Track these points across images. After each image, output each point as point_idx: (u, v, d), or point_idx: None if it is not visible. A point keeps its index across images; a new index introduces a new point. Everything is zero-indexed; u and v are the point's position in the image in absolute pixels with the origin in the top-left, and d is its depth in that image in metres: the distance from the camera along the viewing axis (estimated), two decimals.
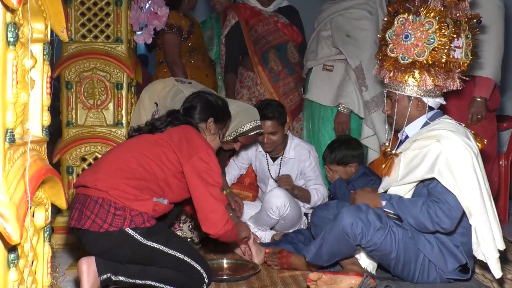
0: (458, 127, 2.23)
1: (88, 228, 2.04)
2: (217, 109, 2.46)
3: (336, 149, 3.00)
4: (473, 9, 3.09)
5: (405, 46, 2.21)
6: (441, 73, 2.22)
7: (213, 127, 2.44)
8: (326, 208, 2.56)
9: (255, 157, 3.32)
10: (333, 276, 2.20)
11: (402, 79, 2.28)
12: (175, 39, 3.43)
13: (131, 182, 2.11)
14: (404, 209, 2.16)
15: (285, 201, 2.93)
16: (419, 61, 2.19)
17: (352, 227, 2.12)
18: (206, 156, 2.20)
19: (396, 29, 2.25)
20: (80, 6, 2.98)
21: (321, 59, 3.46)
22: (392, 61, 2.27)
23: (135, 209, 2.07)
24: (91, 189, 2.10)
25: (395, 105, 2.32)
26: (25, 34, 1.22)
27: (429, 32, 2.17)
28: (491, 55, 3.06)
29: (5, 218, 1.03)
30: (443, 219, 2.09)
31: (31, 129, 1.33)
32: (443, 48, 2.15)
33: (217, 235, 2.21)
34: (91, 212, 2.05)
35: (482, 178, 2.16)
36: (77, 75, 2.97)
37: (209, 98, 2.47)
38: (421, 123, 2.31)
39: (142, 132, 2.36)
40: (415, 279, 2.22)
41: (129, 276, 2.14)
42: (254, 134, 2.82)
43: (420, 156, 2.19)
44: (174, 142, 2.23)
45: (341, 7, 3.43)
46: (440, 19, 2.16)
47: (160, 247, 2.11)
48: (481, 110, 3.09)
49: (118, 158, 2.20)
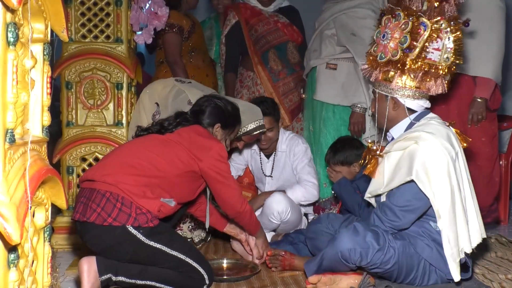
0: (439, 128, 2.22)
1: (94, 221, 2.04)
2: (225, 115, 2.47)
3: (340, 150, 2.99)
4: (474, 10, 3.10)
5: (383, 45, 2.23)
6: (416, 74, 2.22)
7: (220, 132, 2.45)
8: (319, 222, 2.60)
9: (250, 157, 3.33)
10: (332, 276, 2.21)
11: (382, 78, 2.30)
12: (176, 39, 3.43)
13: (141, 179, 2.12)
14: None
15: (287, 206, 2.92)
16: (393, 60, 2.20)
17: (350, 253, 2.11)
18: (219, 150, 2.28)
19: (381, 29, 2.28)
20: (80, 6, 2.99)
21: (325, 57, 3.46)
22: (372, 59, 2.29)
23: (142, 206, 2.07)
24: (99, 182, 2.10)
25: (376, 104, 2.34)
26: (25, 34, 1.22)
27: (403, 33, 2.18)
28: (492, 56, 3.06)
29: (5, 218, 1.03)
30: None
31: (31, 129, 1.33)
32: (414, 48, 2.15)
33: (237, 213, 2.37)
34: (97, 205, 2.06)
35: (456, 182, 2.15)
36: (77, 75, 2.97)
37: (218, 103, 2.47)
38: (405, 124, 2.31)
39: (151, 132, 2.35)
40: (416, 283, 2.22)
41: (130, 276, 2.14)
42: (258, 133, 2.84)
43: (401, 160, 2.19)
44: (185, 141, 2.25)
45: (344, 6, 3.43)
46: (416, 19, 2.16)
47: (162, 248, 2.11)
48: (481, 111, 3.09)
49: (127, 155, 2.21)
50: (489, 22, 3.07)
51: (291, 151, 3.18)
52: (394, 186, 2.19)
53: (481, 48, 3.07)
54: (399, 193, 2.17)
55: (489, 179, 3.23)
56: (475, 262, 2.60)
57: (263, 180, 3.29)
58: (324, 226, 2.54)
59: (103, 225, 2.04)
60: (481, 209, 3.13)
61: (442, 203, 2.11)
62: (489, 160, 3.22)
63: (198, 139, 2.28)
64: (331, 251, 2.18)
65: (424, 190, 2.10)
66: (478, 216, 2.25)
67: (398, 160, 2.20)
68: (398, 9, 2.22)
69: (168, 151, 2.22)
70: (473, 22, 3.09)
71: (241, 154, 3.32)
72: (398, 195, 2.18)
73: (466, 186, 2.23)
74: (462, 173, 2.22)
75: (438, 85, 2.26)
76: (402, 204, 2.17)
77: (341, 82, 3.38)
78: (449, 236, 2.12)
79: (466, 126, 3.14)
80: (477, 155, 3.19)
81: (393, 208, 2.18)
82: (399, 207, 2.17)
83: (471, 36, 3.06)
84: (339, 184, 2.90)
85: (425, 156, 2.12)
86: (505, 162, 3.62)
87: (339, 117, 3.47)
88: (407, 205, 2.16)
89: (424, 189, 2.10)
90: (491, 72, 3.06)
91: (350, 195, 2.81)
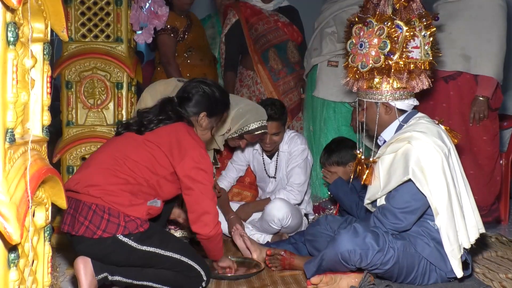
0: (429, 126, 2.23)
1: (82, 234, 2.03)
2: (212, 103, 2.35)
3: (334, 150, 3.00)
4: (476, 8, 3.10)
5: (362, 54, 2.23)
6: (402, 75, 2.23)
7: (205, 121, 2.35)
8: (318, 224, 2.60)
9: (252, 157, 3.31)
10: (333, 276, 2.21)
11: (367, 87, 2.31)
12: (168, 40, 3.43)
13: (125, 187, 2.09)
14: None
15: (287, 213, 2.91)
16: (376, 67, 2.20)
17: (350, 254, 2.11)
18: (198, 156, 2.17)
19: (354, 39, 2.28)
20: (80, 5, 2.99)
21: (326, 54, 3.46)
22: (354, 71, 2.29)
23: (130, 215, 2.06)
24: (83, 194, 2.07)
25: (365, 113, 2.35)
26: (25, 33, 1.22)
27: (381, 38, 2.18)
28: (494, 54, 3.06)
29: (6, 218, 1.03)
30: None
31: (32, 128, 1.32)
32: (396, 51, 2.16)
33: (207, 236, 2.18)
34: (84, 218, 2.03)
35: (451, 178, 2.16)
36: (77, 75, 2.96)
37: (206, 90, 2.35)
38: (395, 126, 2.32)
39: (130, 130, 2.26)
40: (416, 283, 2.22)
41: (126, 276, 2.14)
42: (260, 133, 2.84)
43: (395, 161, 2.19)
44: (165, 144, 2.18)
45: (344, 4, 3.45)
46: (391, 23, 2.17)
47: (155, 250, 2.10)
48: (483, 109, 3.09)
49: (108, 162, 2.14)
50: (490, 20, 3.07)
51: (290, 151, 3.18)
52: (392, 187, 2.19)
53: (483, 46, 3.07)
54: (398, 195, 2.18)
55: (490, 178, 3.23)
56: (476, 261, 2.60)
57: (266, 180, 3.29)
58: (323, 227, 2.55)
59: (93, 238, 2.02)
60: (482, 208, 3.14)
61: (439, 200, 2.12)
62: (491, 159, 3.21)
63: (175, 144, 2.17)
64: (331, 252, 2.18)
65: (421, 188, 2.11)
66: (474, 211, 2.26)
67: (392, 162, 2.21)
68: (369, 17, 2.23)
69: (148, 156, 2.15)
70: (475, 21, 3.11)
71: (243, 154, 3.31)
72: (397, 197, 2.18)
73: (461, 182, 2.24)
74: (455, 169, 2.23)
75: (422, 81, 2.28)
76: (402, 206, 2.17)
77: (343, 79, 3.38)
78: (448, 233, 2.12)
79: (467, 125, 3.14)
80: (479, 154, 3.19)
81: (394, 210, 2.18)
82: (399, 209, 2.17)
83: (475, 34, 3.07)
84: (335, 184, 2.90)
85: (419, 155, 2.12)
86: (505, 162, 3.62)
87: (340, 116, 3.47)
88: (407, 206, 2.16)
89: (421, 188, 2.11)
90: (492, 70, 3.06)
91: (347, 195, 2.81)
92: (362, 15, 2.29)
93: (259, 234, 3.04)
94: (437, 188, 2.11)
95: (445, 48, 2.98)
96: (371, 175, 2.30)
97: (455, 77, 3.14)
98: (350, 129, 3.37)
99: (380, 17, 2.19)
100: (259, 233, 3.04)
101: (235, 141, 2.87)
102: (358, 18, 2.29)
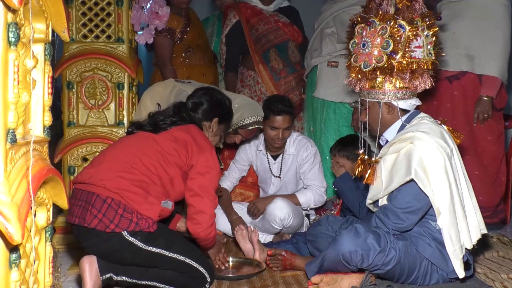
0: (432, 126, 2.23)
1: (95, 227, 2.03)
2: (223, 110, 2.46)
3: (348, 144, 2.97)
4: (480, 8, 3.09)
5: (365, 54, 2.23)
6: (405, 75, 2.23)
7: (216, 127, 2.44)
8: (319, 224, 2.61)
9: (255, 157, 3.31)
10: (334, 276, 2.21)
11: (369, 86, 2.30)
12: (164, 42, 3.42)
13: (141, 184, 2.11)
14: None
15: (289, 213, 2.92)
16: (379, 67, 2.20)
17: (352, 255, 2.11)
18: (209, 156, 2.23)
19: (356, 39, 2.28)
20: (81, 6, 2.99)
21: (326, 55, 3.46)
22: (357, 70, 2.29)
23: (143, 214, 2.07)
24: (98, 187, 2.08)
25: (368, 112, 2.35)
26: (27, 34, 1.22)
27: (384, 38, 2.18)
28: (498, 54, 3.06)
29: (7, 218, 1.03)
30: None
31: (33, 129, 1.32)
32: (399, 51, 2.16)
33: (198, 235, 2.22)
34: (98, 210, 2.04)
35: (454, 179, 2.16)
36: (79, 75, 2.97)
37: (218, 97, 2.47)
38: (397, 126, 2.32)
39: (145, 129, 2.31)
40: (418, 283, 2.22)
41: (131, 276, 2.15)
42: (254, 128, 2.85)
43: (398, 162, 2.19)
44: (179, 143, 2.22)
45: (344, 5, 3.45)
46: (393, 23, 2.17)
47: (161, 251, 2.11)
48: (487, 109, 3.08)
49: (123, 158, 2.17)
50: (494, 20, 3.07)
51: (298, 155, 3.17)
52: (394, 187, 2.19)
53: (487, 46, 3.06)
54: (400, 195, 2.17)
55: (495, 178, 3.22)
56: (477, 262, 2.60)
57: (268, 181, 3.28)
58: (324, 228, 2.55)
59: (105, 232, 2.03)
60: (487, 209, 3.13)
61: (441, 200, 2.12)
62: (495, 159, 3.20)
63: (189, 143, 2.23)
64: (332, 253, 2.18)
65: (424, 188, 2.11)
66: (476, 212, 2.25)
67: (395, 162, 2.21)
68: (371, 17, 2.23)
69: (162, 154, 2.19)
70: (479, 21, 3.10)
71: (245, 154, 3.31)
72: (399, 198, 2.18)
73: (463, 182, 2.24)
74: (458, 169, 2.23)
75: (425, 80, 2.28)
76: (404, 206, 2.16)
77: (343, 80, 3.37)
78: (450, 233, 2.12)
79: (472, 125, 3.14)
80: (483, 154, 3.17)
81: (396, 210, 2.18)
82: (401, 209, 2.17)
83: (479, 34, 3.06)
84: (342, 178, 2.89)
85: (422, 155, 2.12)
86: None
87: (340, 117, 3.46)
88: (409, 206, 2.16)
89: (424, 188, 2.11)
90: (496, 70, 3.06)
91: (352, 191, 2.80)
92: (364, 15, 2.29)
93: (260, 234, 3.04)
94: (440, 188, 2.11)
95: (449, 48, 2.98)
96: (373, 175, 2.30)
97: (459, 77, 3.14)
98: (351, 130, 3.37)
99: (382, 16, 2.19)
100: (261, 233, 3.04)
101: (230, 137, 2.87)
102: (361, 18, 2.29)
